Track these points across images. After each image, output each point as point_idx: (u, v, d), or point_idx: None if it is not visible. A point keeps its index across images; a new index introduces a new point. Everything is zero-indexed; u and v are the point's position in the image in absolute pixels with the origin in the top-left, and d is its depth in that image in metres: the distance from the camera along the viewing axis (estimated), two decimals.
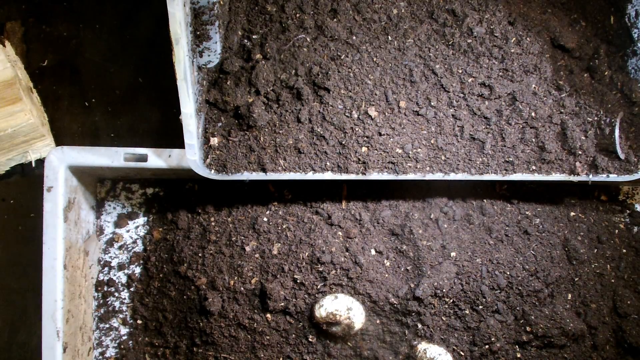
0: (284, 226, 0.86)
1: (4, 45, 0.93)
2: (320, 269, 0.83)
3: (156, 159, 0.82)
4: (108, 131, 0.98)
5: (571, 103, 0.84)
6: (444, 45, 0.82)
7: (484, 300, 0.84)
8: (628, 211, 0.96)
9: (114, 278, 0.93)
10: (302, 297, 0.84)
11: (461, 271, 0.84)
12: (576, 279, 0.89)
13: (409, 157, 0.80)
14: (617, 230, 0.94)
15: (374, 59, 0.81)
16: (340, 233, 0.85)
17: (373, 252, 0.85)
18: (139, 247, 0.94)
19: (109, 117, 0.98)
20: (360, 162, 0.80)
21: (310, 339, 0.85)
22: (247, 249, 0.86)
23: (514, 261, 0.86)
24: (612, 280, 0.91)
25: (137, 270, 0.93)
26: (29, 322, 0.95)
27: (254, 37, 0.83)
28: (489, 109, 0.82)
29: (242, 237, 0.86)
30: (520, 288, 0.85)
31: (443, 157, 0.81)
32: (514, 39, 0.83)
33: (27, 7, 0.99)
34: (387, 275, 0.84)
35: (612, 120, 0.84)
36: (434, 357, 0.82)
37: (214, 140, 0.81)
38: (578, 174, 0.83)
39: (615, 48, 0.88)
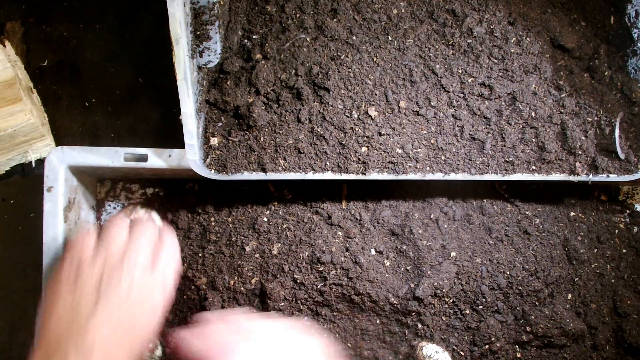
0: (284, 226, 0.86)
1: (4, 45, 0.93)
2: (320, 269, 0.83)
3: (156, 159, 0.82)
4: (108, 131, 0.98)
5: (571, 103, 0.84)
6: (444, 45, 0.82)
7: (484, 300, 0.84)
8: (628, 211, 0.96)
9: None
10: (302, 297, 0.84)
11: (461, 271, 0.84)
12: (576, 279, 0.89)
13: (409, 157, 0.80)
14: (617, 230, 0.94)
15: (374, 59, 0.81)
16: (340, 233, 0.85)
17: (373, 252, 0.85)
18: None
19: (109, 117, 0.98)
20: (360, 162, 0.80)
21: None
22: (247, 249, 0.86)
23: (514, 261, 0.86)
24: (612, 280, 0.91)
25: None
26: (29, 322, 0.95)
27: (254, 37, 0.83)
28: (489, 109, 0.82)
29: (242, 237, 0.86)
30: (520, 288, 0.85)
31: (443, 157, 0.81)
32: (514, 39, 0.83)
33: (27, 7, 0.99)
34: (387, 275, 0.84)
35: (612, 120, 0.84)
36: (431, 354, 0.82)
37: (214, 140, 0.81)
38: (578, 174, 0.83)
39: (615, 48, 0.88)
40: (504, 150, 0.82)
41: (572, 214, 0.92)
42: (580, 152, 0.83)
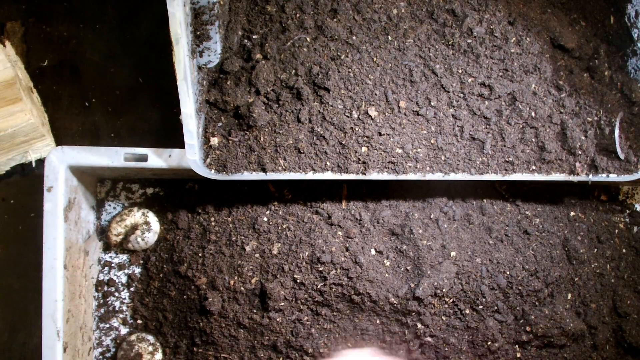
0: (284, 226, 0.86)
1: (4, 45, 0.93)
2: (320, 269, 0.83)
3: (156, 159, 0.82)
4: (108, 131, 0.98)
5: (571, 103, 0.84)
6: (444, 45, 0.82)
7: (484, 300, 0.84)
8: (628, 211, 0.96)
9: (114, 278, 0.93)
10: (302, 297, 0.84)
11: (461, 271, 0.84)
12: (576, 279, 0.89)
13: (409, 157, 0.80)
14: (617, 230, 0.94)
15: (374, 59, 0.81)
16: (340, 233, 0.85)
17: (373, 252, 0.85)
18: None
19: (109, 117, 0.98)
20: (360, 162, 0.80)
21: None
22: (247, 248, 0.86)
23: (514, 261, 0.86)
24: (612, 280, 0.91)
25: (137, 270, 0.93)
26: (29, 322, 0.95)
27: (254, 37, 0.83)
28: (489, 109, 0.82)
29: (242, 237, 0.86)
30: (520, 288, 0.85)
31: (443, 157, 0.81)
32: (514, 39, 0.83)
33: (27, 7, 0.99)
34: (387, 275, 0.84)
35: (612, 120, 0.84)
36: None
37: (214, 140, 0.81)
38: (578, 174, 0.83)
39: (615, 48, 0.88)
40: (504, 150, 0.82)
41: (572, 214, 0.92)
42: (580, 152, 0.83)
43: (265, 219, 0.87)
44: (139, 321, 0.92)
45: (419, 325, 0.84)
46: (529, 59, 0.83)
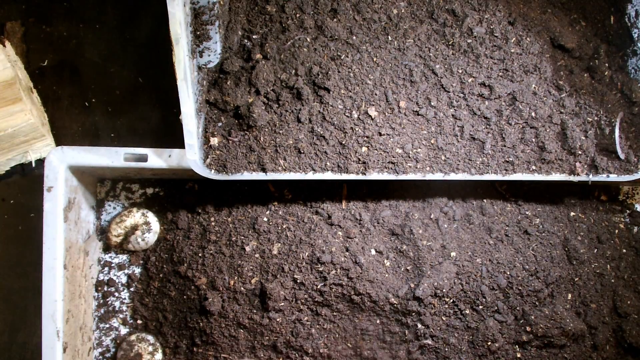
0: (284, 226, 0.86)
1: (4, 45, 0.93)
2: (320, 269, 0.83)
3: (156, 159, 0.82)
4: (108, 131, 0.98)
5: (571, 103, 0.84)
6: (444, 45, 0.82)
7: (484, 300, 0.84)
8: (628, 211, 0.96)
9: (114, 278, 0.93)
10: (302, 297, 0.84)
11: (461, 271, 0.84)
12: (576, 279, 0.89)
13: (409, 157, 0.80)
14: (617, 230, 0.94)
15: (374, 59, 0.81)
16: (340, 233, 0.85)
17: (373, 252, 0.85)
18: None
19: (109, 117, 0.98)
20: (360, 162, 0.80)
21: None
22: (247, 249, 0.86)
23: (514, 261, 0.86)
24: (612, 280, 0.91)
25: (137, 270, 0.93)
26: (29, 322, 0.95)
27: (254, 37, 0.83)
28: (489, 109, 0.82)
29: (242, 237, 0.86)
30: (520, 288, 0.85)
31: (443, 157, 0.81)
32: (514, 39, 0.83)
33: (27, 7, 0.99)
34: (387, 275, 0.84)
35: (612, 120, 0.84)
36: None
37: (214, 140, 0.81)
38: (578, 174, 0.83)
39: (615, 48, 0.88)
40: (504, 150, 0.82)
41: (572, 214, 0.92)
42: (580, 152, 0.83)
43: (265, 219, 0.87)
44: (139, 321, 0.92)
45: (419, 325, 0.84)
46: (529, 59, 0.83)
